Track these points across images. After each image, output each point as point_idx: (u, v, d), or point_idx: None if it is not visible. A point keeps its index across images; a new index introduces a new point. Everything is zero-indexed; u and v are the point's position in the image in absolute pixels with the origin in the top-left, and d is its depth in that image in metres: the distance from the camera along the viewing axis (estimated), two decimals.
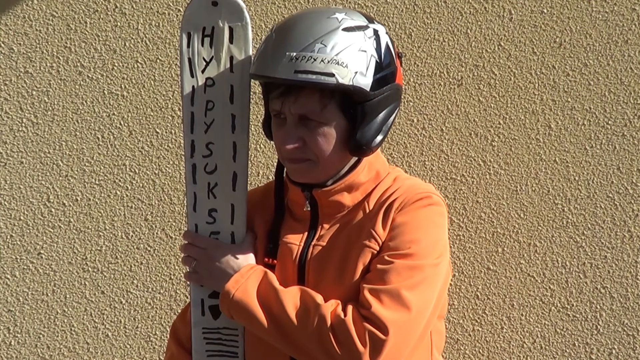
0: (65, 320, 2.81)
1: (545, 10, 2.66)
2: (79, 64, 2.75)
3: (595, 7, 2.65)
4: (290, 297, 1.82)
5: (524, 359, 2.74)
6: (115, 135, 2.76)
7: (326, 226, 1.92)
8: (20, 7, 2.74)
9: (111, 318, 2.80)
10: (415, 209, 1.86)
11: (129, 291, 2.80)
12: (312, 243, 1.90)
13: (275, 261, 1.92)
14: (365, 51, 1.81)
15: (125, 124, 2.76)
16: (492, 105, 2.69)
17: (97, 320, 2.81)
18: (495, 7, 2.66)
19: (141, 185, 2.77)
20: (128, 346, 2.81)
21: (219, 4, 1.92)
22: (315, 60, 1.77)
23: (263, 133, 2.03)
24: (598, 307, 2.71)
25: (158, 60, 2.73)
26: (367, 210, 1.89)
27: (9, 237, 2.80)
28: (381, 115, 1.85)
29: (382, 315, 1.75)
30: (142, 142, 2.76)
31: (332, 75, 1.77)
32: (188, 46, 1.95)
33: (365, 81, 1.81)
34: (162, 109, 2.75)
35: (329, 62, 1.77)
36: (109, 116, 2.76)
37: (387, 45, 1.87)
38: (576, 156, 2.68)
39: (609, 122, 2.68)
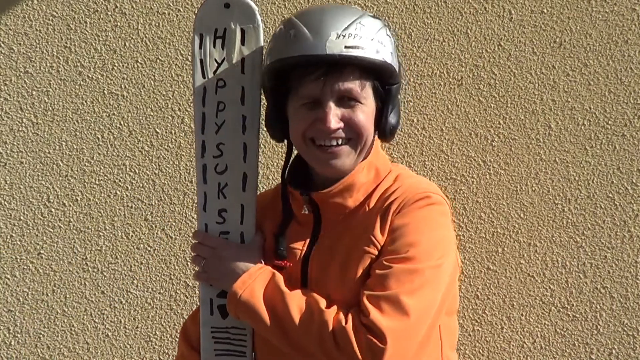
0: (65, 320, 2.81)
1: (545, 10, 2.66)
2: (79, 64, 2.75)
3: (595, 7, 2.65)
4: (295, 301, 1.82)
5: (524, 359, 2.74)
6: (115, 135, 2.76)
7: (328, 229, 1.91)
8: (20, 7, 2.74)
9: (111, 318, 2.80)
10: (413, 210, 1.84)
11: (129, 291, 2.80)
12: (315, 246, 1.90)
13: (285, 262, 1.91)
14: (389, 36, 1.87)
15: (125, 124, 2.76)
16: (492, 105, 2.68)
17: (97, 320, 2.81)
18: (495, 7, 2.66)
19: (141, 185, 2.77)
20: (128, 346, 2.81)
21: (231, 6, 1.94)
22: (361, 37, 1.80)
23: (267, 133, 1.99)
24: (598, 307, 2.71)
25: (158, 60, 2.73)
26: (368, 211, 1.87)
27: (9, 237, 2.80)
28: (398, 102, 1.90)
29: (380, 324, 1.74)
30: (142, 142, 2.76)
31: (378, 52, 1.81)
32: (200, 47, 1.96)
33: (396, 63, 1.86)
34: (162, 109, 2.75)
35: (372, 39, 1.81)
36: (109, 116, 2.76)
37: None
38: (576, 156, 2.68)
39: (609, 122, 2.68)
